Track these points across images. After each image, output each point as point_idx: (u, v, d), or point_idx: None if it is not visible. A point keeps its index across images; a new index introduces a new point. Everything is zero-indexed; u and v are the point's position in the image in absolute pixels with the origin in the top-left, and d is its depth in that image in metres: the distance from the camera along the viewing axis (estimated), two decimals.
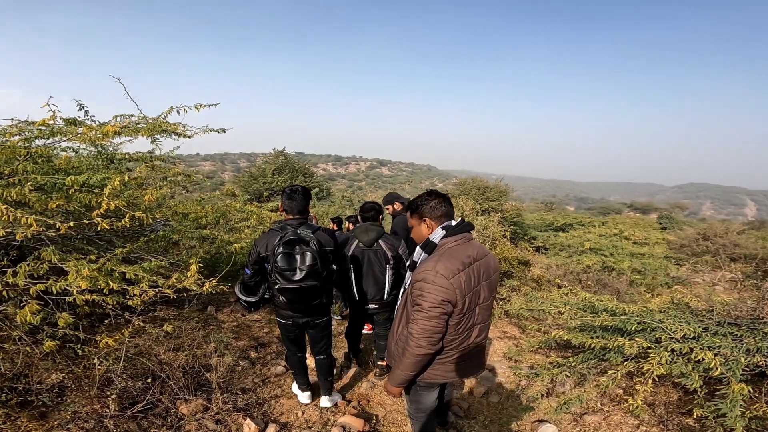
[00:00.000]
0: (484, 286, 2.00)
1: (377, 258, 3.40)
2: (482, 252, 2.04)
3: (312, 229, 2.66)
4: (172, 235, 3.11)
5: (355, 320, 3.82)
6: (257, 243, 2.67)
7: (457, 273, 1.84)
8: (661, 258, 9.89)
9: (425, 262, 1.93)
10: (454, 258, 1.88)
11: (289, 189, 2.73)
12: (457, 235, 1.97)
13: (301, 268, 2.48)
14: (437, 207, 2.02)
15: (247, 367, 3.97)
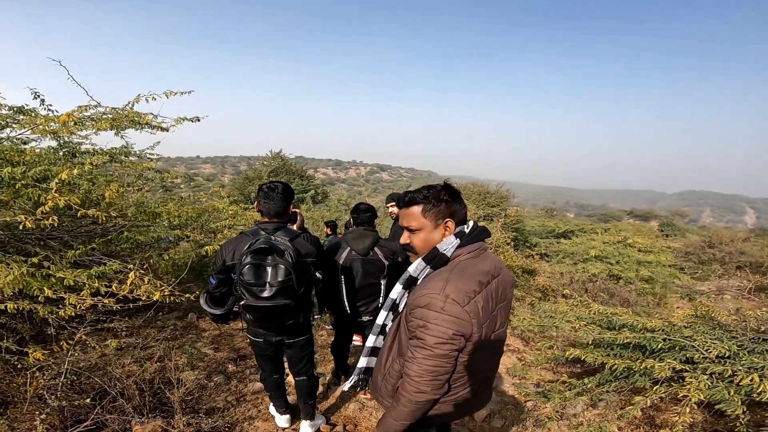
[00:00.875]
0: (501, 309, 1.55)
1: (371, 267, 3.02)
2: (499, 265, 1.56)
3: (290, 235, 2.25)
4: (137, 236, 2.74)
5: (343, 334, 3.44)
6: (223, 248, 2.26)
7: (473, 297, 1.39)
8: (668, 266, 9.53)
9: (430, 281, 1.43)
10: (469, 277, 1.41)
11: (267, 186, 2.28)
12: (471, 244, 1.48)
13: (272, 284, 2.07)
14: (461, 208, 1.50)
15: (222, 383, 3.60)
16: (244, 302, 2.11)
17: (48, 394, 2.31)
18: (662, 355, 2.87)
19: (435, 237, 1.50)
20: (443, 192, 1.48)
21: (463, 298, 1.36)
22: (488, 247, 1.63)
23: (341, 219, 10.22)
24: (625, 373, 2.84)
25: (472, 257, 1.47)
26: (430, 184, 1.54)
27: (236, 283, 2.14)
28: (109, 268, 2.28)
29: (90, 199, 2.72)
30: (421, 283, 1.47)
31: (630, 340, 2.96)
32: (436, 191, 1.49)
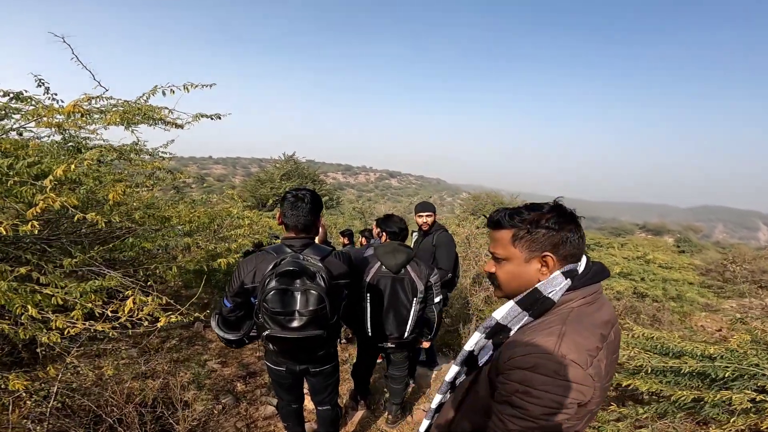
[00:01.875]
0: (614, 362, 1.18)
1: (404, 289, 2.71)
2: (612, 309, 1.21)
3: (321, 253, 1.92)
4: (144, 243, 2.46)
5: (364, 358, 3.12)
6: (241, 268, 1.94)
7: (596, 356, 1.04)
8: (696, 285, 9.12)
9: (534, 333, 1.07)
10: (589, 330, 1.06)
11: (293, 194, 1.95)
12: (586, 287, 1.12)
13: (302, 313, 1.75)
14: (572, 239, 1.11)
15: (230, 406, 3.30)
16: (268, 332, 1.80)
17: (33, 425, 2.02)
18: (730, 385, 2.58)
19: (527, 273, 1.13)
20: (548, 215, 1.11)
21: (585, 359, 1.01)
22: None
23: (355, 227, 9.93)
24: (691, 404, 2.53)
25: (587, 303, 1.10)
26: (536, 202, 1.17)
27: (258, 308, 1.83)
28: (108, 281, 1.99)
29: (94, 200, 2.46)
30: (517, 335, 1.11)
31: (695, 369, 2.65)
32: (538, 213, 1.12)
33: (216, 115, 2.93)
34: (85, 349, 3.12)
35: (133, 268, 2.65)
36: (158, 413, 2.84)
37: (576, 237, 1.11)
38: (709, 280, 11.75)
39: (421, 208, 3.77)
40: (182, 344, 4.47)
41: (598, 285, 1.14)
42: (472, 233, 5.57)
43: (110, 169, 3.22)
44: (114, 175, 2.89)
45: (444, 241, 3.61)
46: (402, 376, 3.02)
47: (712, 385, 2.76)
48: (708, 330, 7.55)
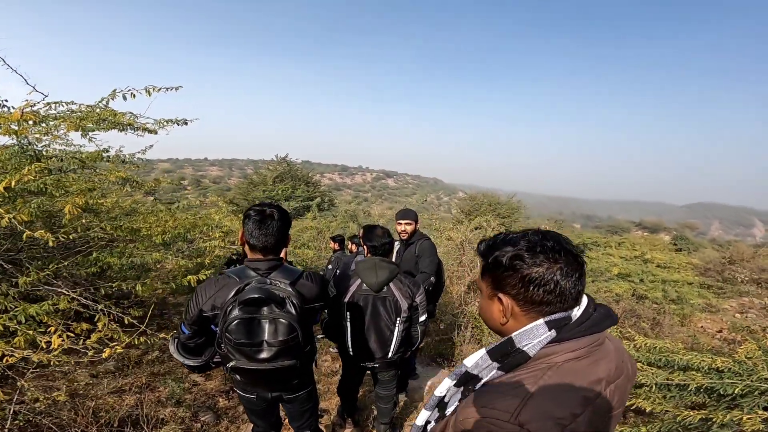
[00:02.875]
0: (614, 418, 0.96)
1: (386, 308, 2.52)
2: (620, 358, 0.98)
3: (290, 276, 1.73)
4: (108, 258, 2.27)
5: (347, 377, 2.94)
6: (199, 293, 1.71)
7: (567, 424, 0.83)
8: (695, 285, 8.98)
9: (496, 393, 0.88)
10: (567, 393, 0.85)
11: (257, 210, 1.73)
12: (580, 338, 0.90)
13: (271, 343, 1.56)
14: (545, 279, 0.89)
15: (210, 423, 3.11)
16: (233, 364, 1.61)
17: None
18: (739, 401, 2.43)
19: (491, 311, 0.98)
20: (517, 251, 0.91)
21: (549, 430, 0.80)
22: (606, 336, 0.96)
23: (349, 230, 9.74)
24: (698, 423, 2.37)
25: (575, 358, 0.88)
26: (517, 232, 0.97)
27: (220, 337, 1.64)
28: (62, 302, 1.79)
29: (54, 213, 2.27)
30: (478, 392, 0.92)
31: (702, 385, 2.48)
32: (504, 242, 0.94)
33: (182, 120, 2.78)
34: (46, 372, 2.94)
35: (94, 286, 2.45)
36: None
37: (555, 281, 0.88)
38: (708, 281, 11.64)
39: (401, 216, 3.54)
40: (164, 356, 4.28)
41: (596, 336, 0.91)
42: (467, 238, 5.39)
43: (81, 178, 3.04)
44: (83, 184, 2.72)
45: (425, 247, 3.44)
46: (389, 395, 2.84)
47: (720, 401, 2.61)
48: (708, 332, 7.42)
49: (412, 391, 3.80)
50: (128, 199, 4.02)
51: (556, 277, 0.88)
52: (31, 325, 1.67)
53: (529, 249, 0.90)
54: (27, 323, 1.66)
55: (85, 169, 2.84)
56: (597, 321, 0.92)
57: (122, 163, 3.36)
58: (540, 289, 0.89)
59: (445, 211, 27.81)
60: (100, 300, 2.11)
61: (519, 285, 0.91)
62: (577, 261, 0.91)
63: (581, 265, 0.91)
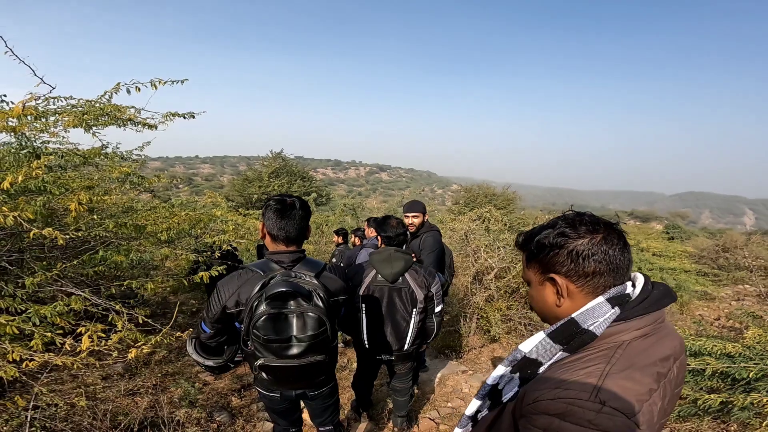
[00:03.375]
0: (674, 398, 0.96)
1: (401, 299, 2.49)
2: (679, 337, 0.97)
3: (315, 268, 1.69)
4: (115, 256, 2.21)
5: (363, 370, 2.91)
6: (222, 289, 1.65)
7: (647, 399, 0.82)
8: (692, 273, 9.07)
9: (569, 371, 0.86)
10: (641, 369, 0.84)
11: (278, 201, 1.68)
12: (642, 317, 0.88)
13: (300, 338, 1.52)
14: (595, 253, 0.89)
15: (226, 423, 3.08)
16: (261, 362, 1.57)
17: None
18: (755, 385, 2.46)
19: (546, 297, 0.96)
20: (558, 229, 0.92)
21: (632, 406, 0.79)
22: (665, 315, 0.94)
23: (347, 224, 9.69)
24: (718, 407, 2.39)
25: (642, 336, 0.87)
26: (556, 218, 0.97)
27: (246, 334, 1.59)
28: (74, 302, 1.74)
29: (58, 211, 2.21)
30: (549, 372, 0.90)
31: (717, 369, 2.50)
32: (541, 228, 0.96)
33: (189, 114, 2.72)
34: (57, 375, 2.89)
35: (103, 285, 2.40)
36: None
37: (603, 251, 0.88)
38: (703, 268, 11.77)
39: (407, 209, 3.49)
40: (171, 356, 4.23)
41: (659, 313, 0.90)
42: (470, 228, 5.37)
43: (81, 175, 2.97)
44: (83, 182, 2.65)
45: (428, 242, 3.36)
46: (406, 388, 2.82)
47: (735, 386, 2.63)
48: (707, 319, 7.50)
49: (422, 384, 3.79)
50: (125, 196, 3.95)
51: (603, 247, 0.88)
52: (45, 327, 1.62)
53: (569, 225, 0.92)
54: (42, 325, 1.61)
55: (87, 165, 2.77)
56: (658, 298, 0.91)
57: (121, 159, 3.28)
58: (590, 260, 0.89)
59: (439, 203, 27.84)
60: (104, 300, 2.05)
61: (568, 260, 0.90)
62: (618, 231, 0.92)
63: (622, 235, 0.92)
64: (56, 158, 2.64)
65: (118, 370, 3.65)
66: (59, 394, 2.39)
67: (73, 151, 2.70)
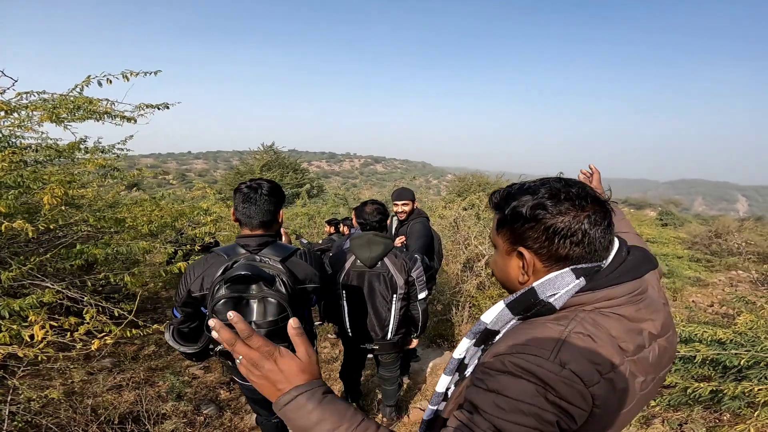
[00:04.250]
0: (657, 382, 0.87)
1: (381, 284, 2.46)
2: (669, 314, 0.89)
3: (282, 253, 1.64)
4: (93, 249, 2.16)
5: (349, 360, 2.89)
6: (188, 273, 1.65)
7: (608, 371, 0.74)
8: (685, 259, 9.11)
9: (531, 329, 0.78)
10: (604, 338, 0.75)
11: (247, 185, 1.68)
12: (617, 286, 0.79)
13: (260, 324, 1.47)
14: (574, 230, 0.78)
15: (213, 416, 3.05)
16: (221, 347, 1.55)
17: None
18: (746, 373, 2.43)
19: (510, 268, 0.87)
20: (530, 198, 0.80)
21: (590, 372, 0.71)
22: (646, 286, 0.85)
23: (340, 215, 9.66)
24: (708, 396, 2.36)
25: (612, 306, 0.79)
26: (535, 180, 0.85)
27: (207, 319, 1.58)
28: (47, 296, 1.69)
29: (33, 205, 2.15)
30: (507, 332, 0.83)
31: (708, 356, 2.47)
32: (521, 191, 0.83)
33: (163, 104, 2.67)
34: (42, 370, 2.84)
35: (79, 278, 2.34)
36: (129, 430, 2.59)
37: (584, 232, 0.77)
38: (696, 254, 11.83)
39: (396, 197, 3.47)
40: (161, 350, 4.19)
41: (636, 283, 0.80)
42: (459, 215, 5.33)
43: (62, 170, 2.91)
44: (62, 176, 2.59)
45: (415, 228, 3.33)
46: (393, 377, 2.79)
47: (726, 373, 2.61)
48: (700, 306, 7.53)
49: (414, 374, 3.77)
50: (111, 191, 3.89)
51: (584, 227, 0.77)
52: (15, 320, 1.57)
53: (552, 197, 0.79)
54: (11, 318, 1.56)
55: (62, 159, 2.71)
56: (634, 265, 0.81)
57: (101, 152, 3.22)
58: (566, 241, 0.78)
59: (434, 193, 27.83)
60: (88, 294, 2.00)
61: (542, 238, 0.80)
62: (605, 208, 0.81)
63: (609, 213, 0.81)
64: (32, 152, 2.58)
65: (106, 365, 3.61)
66: (38, 388, 2.34)
67: (50, 146, 2.64)
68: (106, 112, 2.64)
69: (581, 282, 0.79)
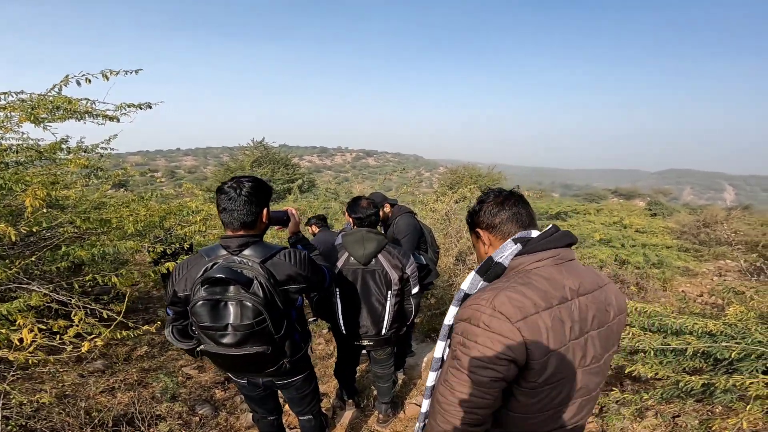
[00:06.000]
0: (595, 338, 1.18)
1: (375, 282, 2.44)
2: (594, 281, 1.22)
3: (262, 254, 1.60)
4: (79, 251, 2.12)
5: (343, 357, 2.89)
6: (174, 273, 1.65)
7: (533, 313, 1.08)
8: (674, 248, 9.19)
9: (481, 291, 1.17)
10: (533, 288, 1.11)
11: (228, 184, 1.62)
12: (543, 251, 1.18)
13: (236, 327, 1.46)
14: (497, 210, 1.27)
15: (209, 416, 3.04)
16: (202, 347, 1.54)
17: None
18: (737, 366, 2.43)
19: (479, 249, 1.35)
20: (481, 200, 1.33)
21: (514, 312, 1.07)
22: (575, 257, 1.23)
23: (332, 209, 9.61)
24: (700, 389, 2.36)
25: (544, 266, 1.16)
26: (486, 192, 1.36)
27: (191, 322, 1.56)
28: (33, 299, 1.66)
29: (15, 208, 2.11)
30: (472, 297, 1.19)
31: (699, 349, 2.48)
32: (471, 209, 1.36)
33: (146, 104, 2.63)
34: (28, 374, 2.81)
35: (66, 280, 2.31)
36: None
37: (506, 206, 1.26)
38: (685, 243, 11.97)
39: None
40: (154, 351, 4.16)
41: (559, 250, 1.19)
42: (451, 209, 5.34)
43: (46, 171, 2.86)
44: (45, 177, 2.55)
45: (400, 226, 3.30)
46: (388, 374, 2.79)
47: (717, 366, 2.61)
48: (690, 296, 7.62)
49: (409, 369, 3.78)
50: (96, 192, 3.83)
51: (505, 205, 1.27)
52: (3, 324, 1.55)
53: (485, 196, 1.33)
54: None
55: (44, 160, 2.67)
56: (556, 238, 1.21)
57: (83, 152, 3.17)
58: (497, 216, 1.26)
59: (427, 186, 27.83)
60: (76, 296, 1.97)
61: (484, 217, 1.29)
62: (514, 194, 1.31)
63: (520, 196, 1.30)
64: (12, 154, 2.53)
65: (99, 367, 3.57)
66: (30, 392, 2.31)
67: (31, 147, 2.59)
68: (86, 111, 2.60)
69: (518, 247, 1.20)
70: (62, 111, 2.40)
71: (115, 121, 2.73)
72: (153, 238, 2.99)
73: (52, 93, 2.49)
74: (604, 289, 1.24)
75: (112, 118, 2.64)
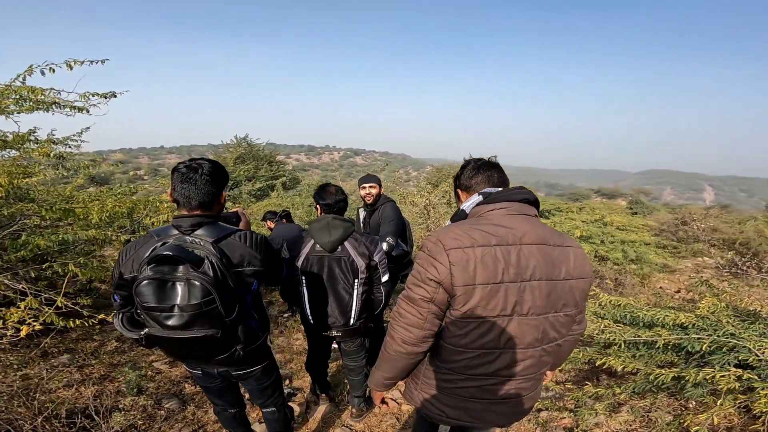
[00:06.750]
0: (535, 288, 1.27)
1: (342, 269, 2.39)
2: (549, 237, 1.32)
3: (215, 234, 1.55)
4: (39, 240, 2.04)
5: (314, 349, 2.84)
6: (121, 255, 1.59)
7: (467, 246, 1.23)
8: (652, 245, 9.35)
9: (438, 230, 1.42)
10: (477, 228, 1.28)
11: (186, 165, 1.59)
12: (499, 202, 1.36)
13: (182, 307, 1.39)
14: (474, 174, 1.50)
15: (176, 410, 2.97)
16: (146, 331, 1.46)
17: None
18: (708, 359, 2.44)
19: (459, 203, 1.56)
20: (462, 166, 1.57)
21: (450, 242, 1.25)
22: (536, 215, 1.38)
23: (313, 206, 9.55)
24: (671, 382, 2.36)
25: (495, 213, 1.34)
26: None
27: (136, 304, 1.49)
28: None
29: None
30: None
31: (669, 341, 2.49)
32: (461, 166, 1.59)
33: (110, 93, 2.57)
34: None
35: (23, 269, 2.23)
36: (80, 425, 2.48)
37: (482, 175, 1.48)
38: (663, 240, 12.18)
39: (364, 180, 3.58)
40: (124, 346, 4.06)
41: (513, 203, 1.35)
42: (431, 203, 5.35)
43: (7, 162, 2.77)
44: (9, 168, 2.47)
45: (387, 211, 3.43)
46: (359, 366, 2.75)
47: (689, 359, 2.62)
48: (667, 292, 7.75)
49: None
50: (68, 186, 3.73)
51: (481, 170, 1.49)
52: None
53: (466, 162, 1.57)
54: None
55: (10, 149, 2.58)
56: (512, 193, 1.37)
57: (53, 144, 3.09)
58: (473, 179, 1.50)
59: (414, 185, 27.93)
60: (25, 283, 1.90)
61: (463, 179, 1.53)
62: (490, 162, 1.53)
63: (495, 164, 1.52)
64: None
65: (64, 361, 3.47)
66: None
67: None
68: (54, 102, 2.53)
69: (480, 198, 1.41)
70: (29, 102, 2.34)
71: (84, 113, 2.66)
72: (117, 227, 2.91)
73: (15, 83, 2.42)
74: (564, 249, 1.33)
75: (81, 109, 2.57)
